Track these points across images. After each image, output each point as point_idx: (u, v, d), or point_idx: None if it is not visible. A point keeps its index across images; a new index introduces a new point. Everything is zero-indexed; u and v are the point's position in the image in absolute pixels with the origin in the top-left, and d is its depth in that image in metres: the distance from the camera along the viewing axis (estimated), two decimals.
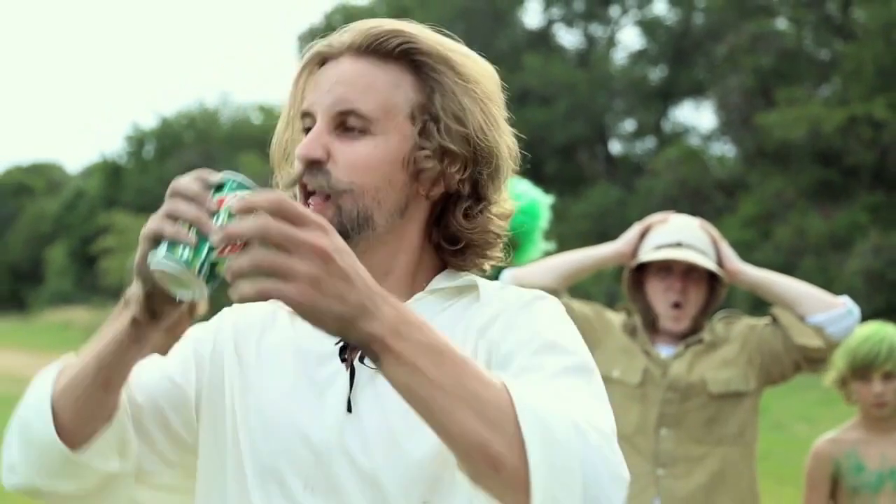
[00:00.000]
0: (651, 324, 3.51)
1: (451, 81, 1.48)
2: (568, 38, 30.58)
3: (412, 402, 1.21)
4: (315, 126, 1.47)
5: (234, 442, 1.49)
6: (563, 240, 5.16)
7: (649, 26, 28.52)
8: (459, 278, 1.53)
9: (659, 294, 3.46)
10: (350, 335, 1.20)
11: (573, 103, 25.98)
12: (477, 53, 1.55)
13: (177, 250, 1.28)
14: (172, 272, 1.28)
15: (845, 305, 3.38)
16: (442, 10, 27.27)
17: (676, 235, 3.44)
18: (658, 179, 22.41)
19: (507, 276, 3.46)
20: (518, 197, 3.03)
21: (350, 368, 1.46)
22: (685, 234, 3.44)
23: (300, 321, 1.22)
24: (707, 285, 3.47)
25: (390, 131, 1.47)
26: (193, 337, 1.58)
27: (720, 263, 3.46)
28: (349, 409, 1.44)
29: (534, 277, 3.45)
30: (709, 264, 3.39)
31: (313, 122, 1.48)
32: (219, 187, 1.30)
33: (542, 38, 29.39)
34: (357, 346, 1.27)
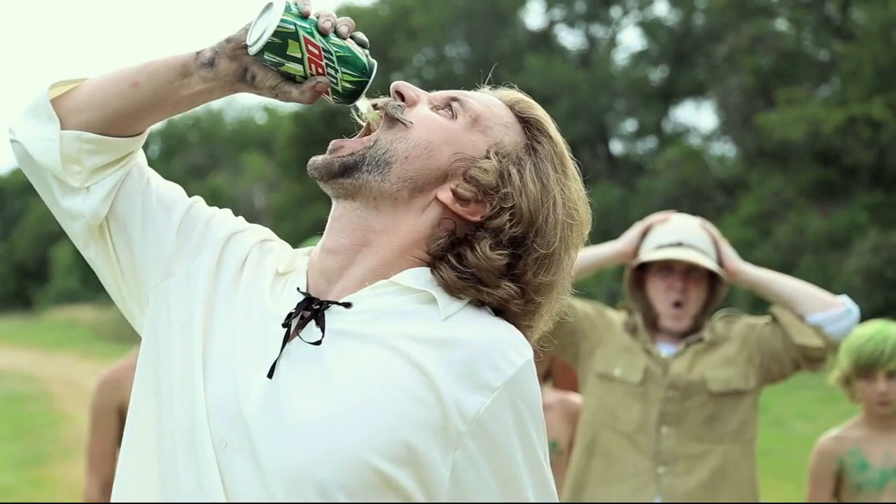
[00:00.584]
0: (652, 323, 3.53)
1: (554, 175, 1.53)
2: (569, 39, 30.51)
3: None
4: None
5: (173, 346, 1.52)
6: None
7: (650, 27, 28.45)
8: (426, 284, 1.49)
9: (660, 293, 3.48)
10: None
11: (575, 103, 25.91)
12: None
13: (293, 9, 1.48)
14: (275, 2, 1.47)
15: (844, 305, 3.39)
16: (444, 11, 27.22)
17: (677, 235, 3.45)
18: (659, 179, 22.37)
19: None
20: None
21: (286, 336, 1.47)
22: (686, 234, 3.45)
23: (291, 283, 1.44)
24: (707, 284, 3.49)
25: (472, 132, 1.52)
26: (223, 217, 1.62)
27: (720, 263, 3.47)
28: (270, 375, 1.45)
29: None
30: (709, 264, 3.41)
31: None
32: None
33: (544, 39, 29.30)
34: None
